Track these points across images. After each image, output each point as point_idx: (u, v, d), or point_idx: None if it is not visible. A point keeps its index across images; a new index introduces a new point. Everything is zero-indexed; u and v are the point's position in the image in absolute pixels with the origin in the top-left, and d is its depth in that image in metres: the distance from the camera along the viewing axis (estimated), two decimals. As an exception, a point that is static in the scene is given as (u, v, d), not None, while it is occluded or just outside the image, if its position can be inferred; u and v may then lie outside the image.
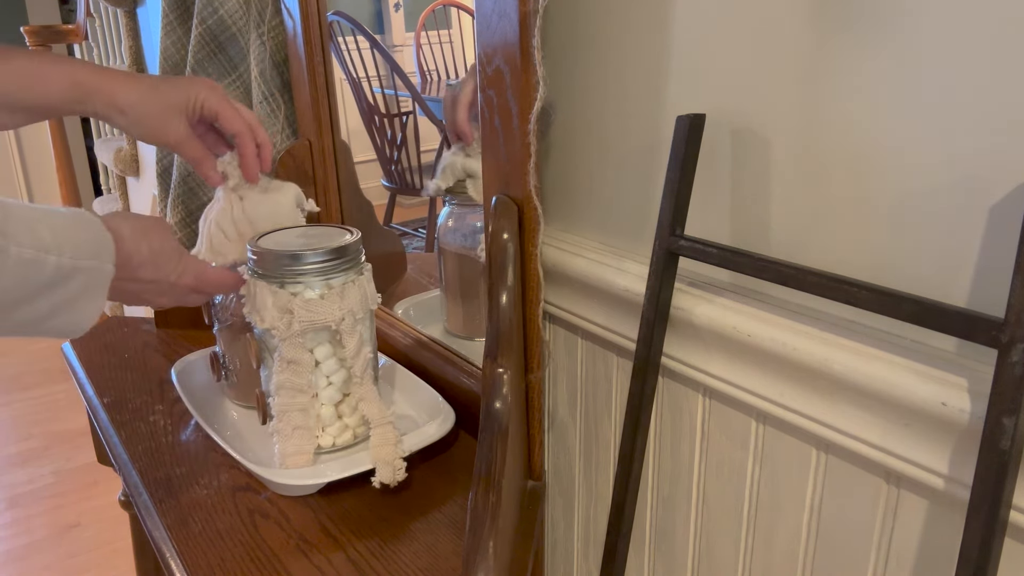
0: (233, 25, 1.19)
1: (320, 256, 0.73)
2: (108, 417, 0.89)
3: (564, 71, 0.68)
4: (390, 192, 1.49)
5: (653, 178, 0.63)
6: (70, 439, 2.39)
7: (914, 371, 0.45)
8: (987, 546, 0.40)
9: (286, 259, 0.72)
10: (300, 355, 0.73)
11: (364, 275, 0.76)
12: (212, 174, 0.77)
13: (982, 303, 0.44)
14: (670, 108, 0.60)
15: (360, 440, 0.80)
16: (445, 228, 0.96)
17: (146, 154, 2.06)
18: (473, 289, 0.95)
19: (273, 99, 1.13)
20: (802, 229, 0.53)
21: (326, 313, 0.72)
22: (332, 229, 0.79)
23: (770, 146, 0.53)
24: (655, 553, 0.71)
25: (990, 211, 0.43)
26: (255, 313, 0.73)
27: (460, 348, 0.89)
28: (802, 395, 0.52)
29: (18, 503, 2.11)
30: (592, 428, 0.74)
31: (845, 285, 0.46)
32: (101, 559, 1.89)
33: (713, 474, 0.62)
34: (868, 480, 0.50)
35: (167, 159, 1.41)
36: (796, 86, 0.51)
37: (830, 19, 0.48)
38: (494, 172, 0.70)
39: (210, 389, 0.92)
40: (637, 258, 0.65)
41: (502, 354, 0.64)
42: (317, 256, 0.72)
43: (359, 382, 0.76)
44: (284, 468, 0.75)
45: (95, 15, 2.27)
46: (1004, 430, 0.39)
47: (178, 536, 0.70)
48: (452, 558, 0.67)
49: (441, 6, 1.39)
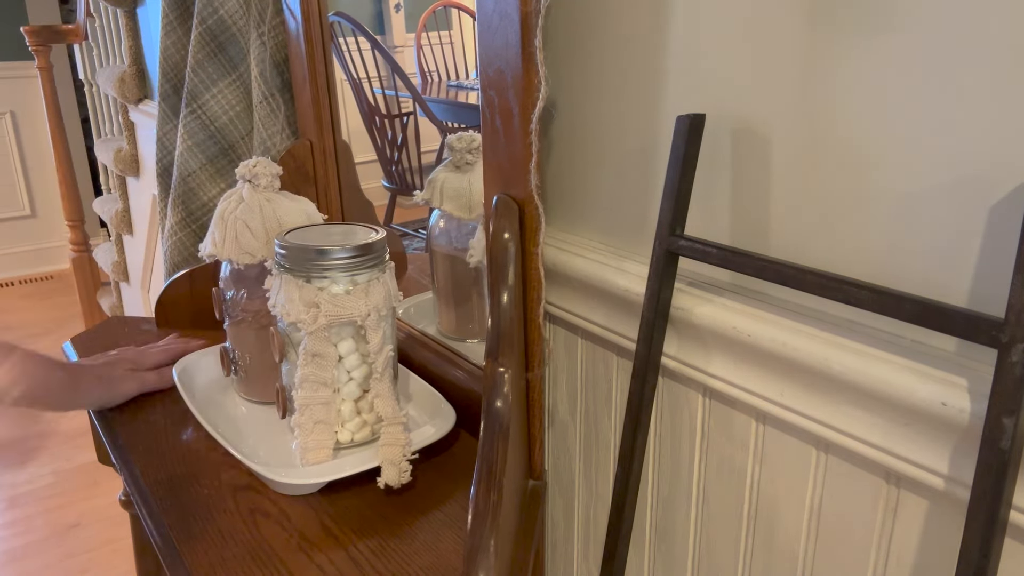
0: (233, 25, 1.19)
1: (348, 252, 0.73)
2: (108, 417, 0.90)
3: (564, 71, 0.68)
4: (390, 192, 1.49)
5: (653, 178, 0.63)
6: (70, 439, 2.39)
7: (914, 371, 0.45)
8: (987, 546, 0.40)
9: (313, 254, 0.73)
10: (325, 349, 0.74)
11: (388, 273, 0.77)
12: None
13: (982, 303, 0.44)
14: (670, 108, 0.60)
15: (378, 436, 0.81)
16: (435, 230, 0.96)
17: (146, 154, 2.06)
18: (464, 291, 0.95)
19: (273, 99, 1.13)
20: (802, 229, 0.53)
21: (352, 308, 0.73)
22: (356, 227, 0.80)
23: (770, 146, 0.53)
24: (655, 553, 0.71)
25: (990, 211, 0.43)
26: (281, 306, 0.74)
27: (453, 349, 0.89)
28: (802, 395, 0.52)
29: (18, 503, 2.11)
30: (592, 428, 0.74)
31: (845, 285, 0.46)
32: (101, 559, 1.89)
33: (713, 474, 0.62)
34: (868, 480, 0.50)
35: (167, 159, 1.41)
36: (796, 86, 0.51)
37: (830, 19, 0.48)
38: (495, 172, 0.70)
39: (211, 388, 0.92)
40: (637, 258, 0.65)
41: (503, 353, 0.64)
42: (345, 252, 0.73)
43: (379, 378, 0.76)
44: (304, 462, 0.76)
45: (95, 15, 2.27)
46: (1004, 430, 0.39)
47: (179, 535, 0.70)
48: (453, 557, 0.67)
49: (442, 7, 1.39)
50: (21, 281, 3.84)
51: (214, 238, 0.86)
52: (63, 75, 3.62)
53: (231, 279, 0.88)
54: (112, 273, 2.51)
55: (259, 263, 0.84)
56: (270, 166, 0.86)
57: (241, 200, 0.86)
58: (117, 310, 2.59)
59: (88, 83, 2.55)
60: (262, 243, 0.84)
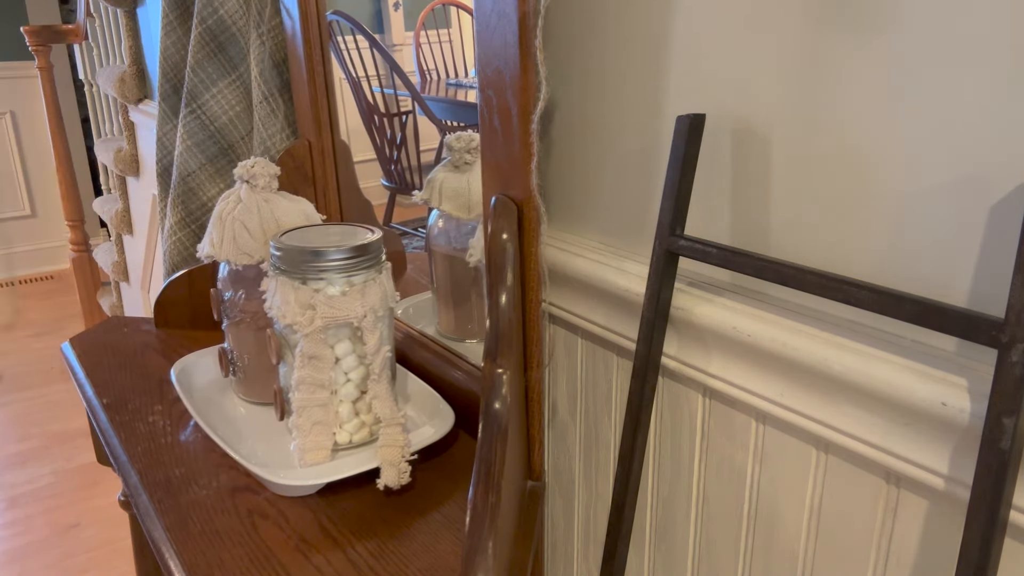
0: (233, 25, 1.19)
1: (343, 253, 0.73)
2: (108, 417, 0.89)
3: (564, 71, 0.68)
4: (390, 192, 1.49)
5: (653, 178, 0.62)
6: (70, 439, 2.39)
7: (914, 371, 0.45)
8: (987, 546, 0.40)
9: (309, 255, 0.73)
10: (321, 351, 0.74)
11: (384, 273, 0.77)
12: None
13: (982, 303, 0.44)
14: (670, 108, 0.60)
15: (376, 437, 0.81)
16: (435, 230, 0.96)
17: (146, 154, 2.06)
18: (463, 291, 0.95)
19: (273, 99, 1.13)
20: (802, 229, 0.53)
21: (348, 309, 0.73)
22: (353, 228, 0.80)
23: (770, 146, 0.53)
24: (655, 553, 0.71)
25: (990, 211, 0.43)
26: (277, 308, 0.74)
27: (452, 349, 0.89)
28: (802, 395, 0.52)
29: (18, 503, 2.11)
30: (592, 428, 0.74)
31: (845, 285, 0.46)
32: (101, 559, 1.89)
33: (713, 474, 0.62)
34: (868, 480, 0.50)
35: (167, 159, 1.41)
36: (796, 86, 0.51)
37: (830, 19, 0.48)
38: (494, 172, 0.70)
39: (210, 388, 0.92)
40: (637, 258, 0.65)
41: (502, 354, 0.64)
42: (340, 253, 0.73)
43: (376, 379, 0.76)
44: (303, 463, 0.76)
45: (95, 15, 2.27)
46: (1004, 430, 0.39)
47: (177, 536, 0.70)
48: (451, 558, 0.67)
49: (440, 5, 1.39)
50: (21, 281, 3.84)
51: (212, 239, 0.86)
52: (63, 75, 3.62)
53: (229, 280, 0.88)
54: (112, 273, 2.51)
55: (257, 264, 0.84)
56: (268, 166, 0.86)
57: (239, 201, 0.86)
58: (117, 310, 2.60)
59: (88, 83, 2.56)
60: (260, 244, 0.84)
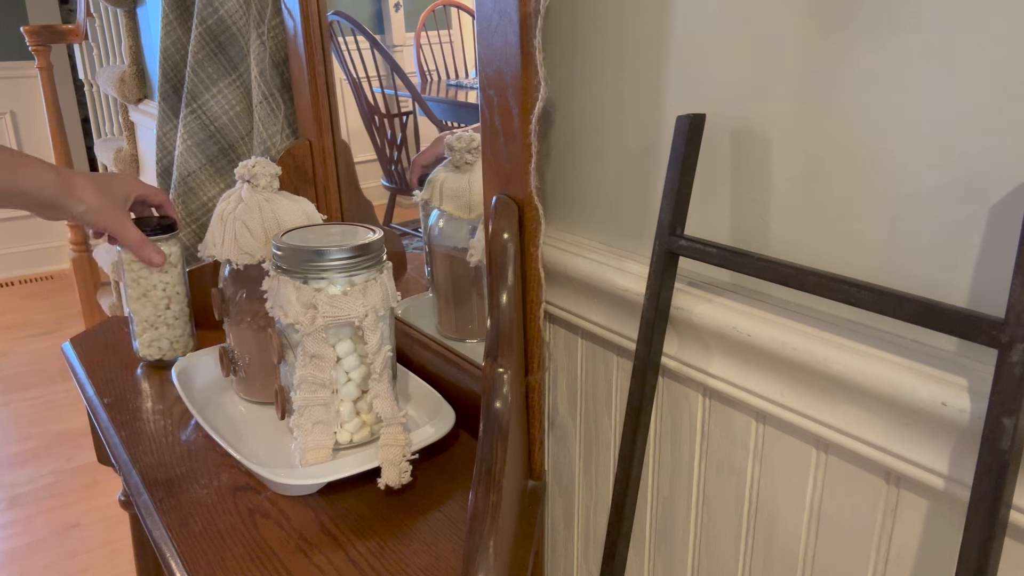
0: (233, 25, 1.19)
1: (344, 253, 0.73)
2: (108, 417, 0.90)
3: (564, 71, 0.68)
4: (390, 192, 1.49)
5: (653, 178, 0.63)
6: (70, 439, 2.39)
7: (914, 371, 0.45)
8: (987, 546, 0.40)
9: (310, 255, 0.73)
10: (323, 350, 0.74)
11: (385, 273, 0.77)
12: (154, 256, 0.95)
13: (982, 303, 0.44)
14: (670, 108, 0.60)
15: (377, 437, 0.81)
16: (435, 230, 0.96)
17: (146, 154, 2.06)
18: (464, 291, 0.95)
19: (273, 99, 1.13)
20: (802, 229, 0.53)
21: (350, 309, 0.73)
22: (354, 227, 0.80)
23: (770, 146, 0.53)
24: (655, 553, 0.71)
25: (990, 211, 0.43)
26: (279, 308, 0.74)
27: (453, 349, 0.89)
28: (802, 395, 0.52)
29: (18, 503, 2.11)
30: (592, 428, 0.74)
31: (845, 285, 0.46)
32: (101, 559, 1.89)
33: (713, 474, 0.62)
34: (868, 480, 0.50)
35: (167, 159, 1.41)
36: (796, 86, 0.51)
37: (830, 19, 0.48)
38: (494, 172, 0.70)
39: (211, 388, 0.92)
40: (637, 258, 0.65)
41: (502, 354, 0.64)
42: (341, 253, 0.73)
43: (377, 379, 0.76)
44: (304, 463, 0.76)
45: (95, 15, 2.27)
46: (1004, 430, 0.39)
47: (178, 536, 0.70)
48: (452, 558, 0.67)
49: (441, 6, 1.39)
50: (21, 281, 3.84)
51: (213, 238, 0.86)
52: (63, 75, 3.62)
53: (230, 279, 0.88)
54: (112, 273, 2.51)
55: (258, 263, 0.84)
56: (269, 166, 0.86)
57: (240, 200, 0.86)
58: (117, 310, 2.59)
59: (88, 83, 2.56)
60: (261, 243, 0.84)
